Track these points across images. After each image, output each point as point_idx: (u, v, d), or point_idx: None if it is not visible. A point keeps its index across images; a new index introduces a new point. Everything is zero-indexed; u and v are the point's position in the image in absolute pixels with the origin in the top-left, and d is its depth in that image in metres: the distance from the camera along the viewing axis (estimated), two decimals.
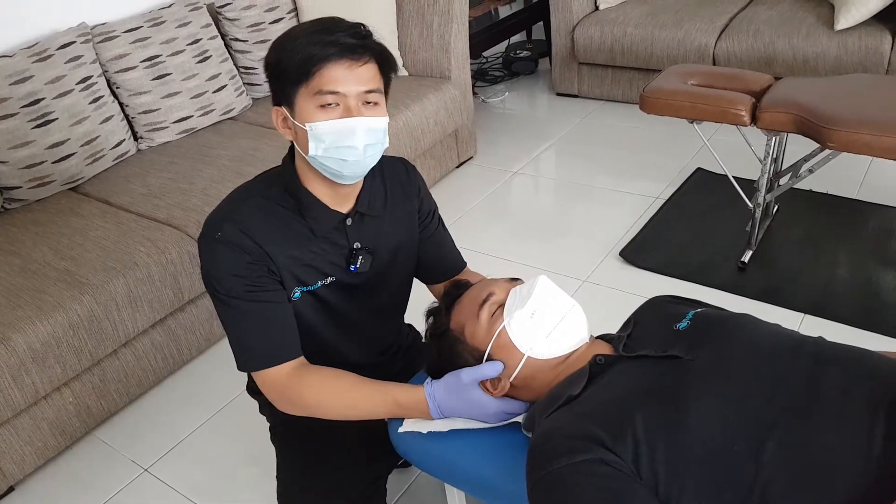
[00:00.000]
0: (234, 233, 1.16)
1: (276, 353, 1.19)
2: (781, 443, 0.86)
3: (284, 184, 1.21)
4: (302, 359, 1.22)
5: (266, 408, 1.48)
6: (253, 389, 1.44)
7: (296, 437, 1.40)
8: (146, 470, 1.95)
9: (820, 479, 0.84)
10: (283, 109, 1.15)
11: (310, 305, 1.26)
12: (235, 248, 1.15)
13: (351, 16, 1.16)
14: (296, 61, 1.08)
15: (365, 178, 1.24)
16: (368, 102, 1.12)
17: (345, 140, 1.11)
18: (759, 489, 0.84)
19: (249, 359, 1.20)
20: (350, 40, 1.08)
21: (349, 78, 1.09)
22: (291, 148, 1.22)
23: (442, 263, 1.45)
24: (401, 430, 1.23)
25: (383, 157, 1.32)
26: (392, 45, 3.00)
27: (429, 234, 1.40)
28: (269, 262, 1.18)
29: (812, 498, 0.83)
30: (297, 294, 1.23)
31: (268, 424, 1.51)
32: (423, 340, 1.30)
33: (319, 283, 1.24)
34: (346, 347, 1.35)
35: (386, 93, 1.18)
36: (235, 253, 1.15)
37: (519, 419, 1.17)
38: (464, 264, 1.48)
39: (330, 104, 1.10)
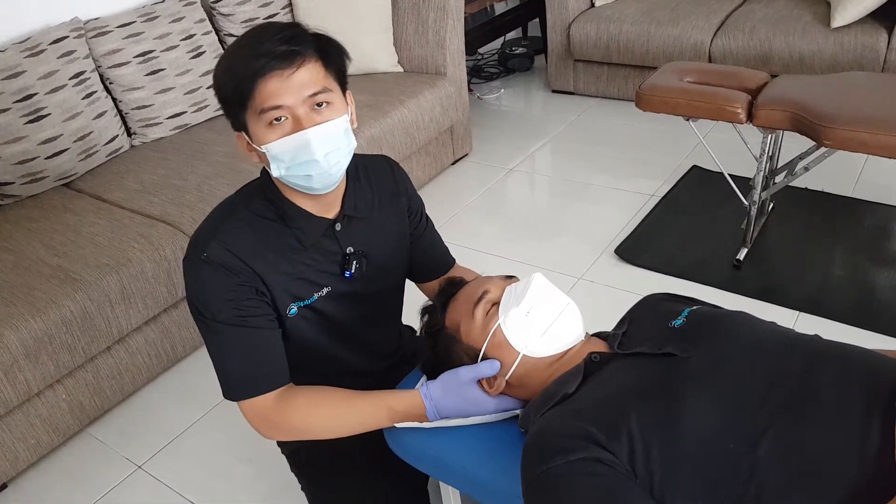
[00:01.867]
0: (220, 252, 1.10)
1: (262, 382, 1.14)
2: (776, 441, 0.86)
3: (266, 196, 1.17)
4: (289, 384, 1.18)
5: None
6: None
7: (323, 463, 1.37)
8: (140, 467, 1.94)
9: (815, 477, 0.84)
10: (244, 135, 1.09)
11: (309, 320, 1.21)
12: (222, 270, 1.10)
13: (346, 11, 1.13)
14: (232, 86, 1.02)
15: (348, 180, 1.20)
16: (319, 104, 1.05)
17: (302, 155, 1.05)
18: (754, 487, 0.84)
19: (235, 387, 1.15)
20: (279, 47, 1.00)
21: (286, 88, 1.01)
22: None
23: (433, 262, 1.42)
24: (398, 425, 1.22)
25: (367, 157, 1.28)
26: (387, 42, 3.00)
27: (419, 234, 1.38)
28: (259, 282, 1.13)
29: (807, 496, 0.83)
30: (294, 310, 1.18)
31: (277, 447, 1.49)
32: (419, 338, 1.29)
33: (316, 296, 1.20)
34: (350, 357, 1.32)
35: (342, 84, 1.11)
36: (223, 275, 1.10)
37: (517, 412, 1.17)
38: (453, 261, 1.46)
39: (278, 119, 1.03)
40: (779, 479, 0.84)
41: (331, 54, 1.07)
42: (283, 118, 1.04)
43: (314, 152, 1.05)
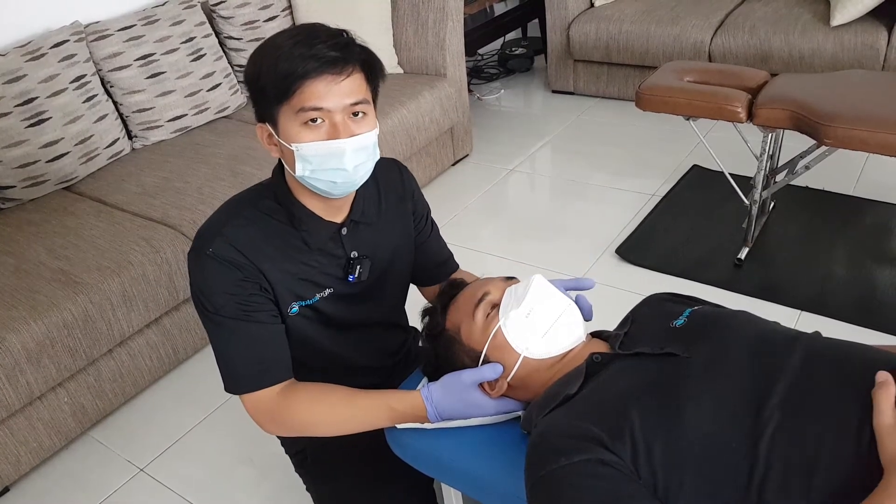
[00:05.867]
0: (225, 248, 1.11)
1: (266, 376, 1.15)
2: (777, 439, 0.86)
3: (276, 196, 1.18)
4: (291, 379, 1.19)
5: (287, 438, 1.45)
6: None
7: (330, 463, 1.37)
8: (142, 470, 1.94)
9: (815, 473, 0.83)
10: (268, 126, 1.10)
11: (310, 319, 1.22)
12: (226, 265, 1.11)
13: (346, 12, 1.13)
14: (275, 78, 1.03)
15: None
16: (356, 114, 1.08)
17: (333, 162, 1.07)
18: (757, 485, 0.84)
19: (237, 381, 1.16)
20: (331, 53, 1.02)
21: (332, 93, 1.03)
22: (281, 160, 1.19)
23: (436, 267, 1.42)
24: (399, 426, 1.22)
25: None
26: (387, 43, 3.00)
27: (424, 238, 1.38)
28: (262, 278, 1.14)
29: (807, 492, 0.83)
30: (295, 309, 1.19)
31: (281, 446, 1.49)
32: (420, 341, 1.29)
33: (318, 297, 1.21)
34: (352, 354, 1.33)
35: (374, 99, 1.13)
36: (226, 269, 1.11)
37: (518, 414, 1.17)
38: (456, 266, 1.46)
39: (315, 121, 1.05)
40: (780, 477, 0.84)
41: (375, 69, 1.10)
42: (319, 120, 1.05)
43: (346, 162, 1.08)
